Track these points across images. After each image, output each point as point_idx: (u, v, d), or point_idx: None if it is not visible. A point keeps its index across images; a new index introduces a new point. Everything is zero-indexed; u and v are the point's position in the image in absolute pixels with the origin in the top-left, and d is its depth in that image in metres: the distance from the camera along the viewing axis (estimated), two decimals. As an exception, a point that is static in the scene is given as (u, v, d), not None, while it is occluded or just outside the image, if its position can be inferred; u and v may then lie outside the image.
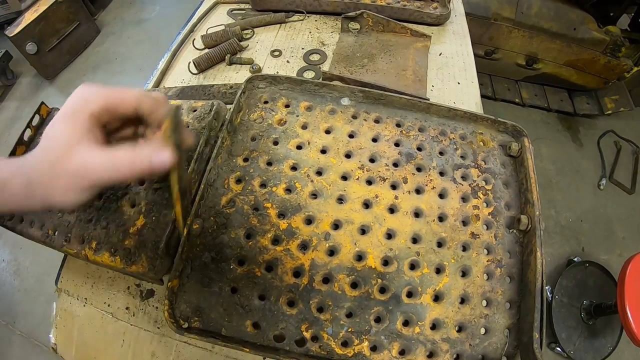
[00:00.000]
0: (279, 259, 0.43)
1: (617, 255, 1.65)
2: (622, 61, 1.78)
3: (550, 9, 1.75)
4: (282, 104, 0.54)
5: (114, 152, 0.34)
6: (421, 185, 0.48)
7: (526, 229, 0.45)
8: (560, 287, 1.45)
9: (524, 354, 0.40)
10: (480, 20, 1.74)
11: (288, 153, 0.49)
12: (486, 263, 0.44)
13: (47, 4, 2.11)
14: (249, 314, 0.40)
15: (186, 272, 0.42)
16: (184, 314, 0.40)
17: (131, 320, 0.48)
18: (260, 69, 0.73)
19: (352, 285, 0.42)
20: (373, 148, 0.51)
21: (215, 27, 0.81)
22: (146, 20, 2.69)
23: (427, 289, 0.42)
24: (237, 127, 0.51)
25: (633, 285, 1.02)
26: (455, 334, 0.41)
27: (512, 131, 0.53)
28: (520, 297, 0.43)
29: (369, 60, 0.73)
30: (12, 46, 2.08)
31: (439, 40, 0.80)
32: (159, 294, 0.49)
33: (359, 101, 0.55)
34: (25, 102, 2.19)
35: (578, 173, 1.90)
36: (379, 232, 0.45)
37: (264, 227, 0.44)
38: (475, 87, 0.71)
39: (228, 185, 0.47)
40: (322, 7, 0.81)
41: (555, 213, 1.76)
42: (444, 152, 0.51)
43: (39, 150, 0.34)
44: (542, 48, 1.81)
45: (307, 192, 0.47)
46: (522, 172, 0.49)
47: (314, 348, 0.39)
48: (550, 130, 2.04)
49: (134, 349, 0.47)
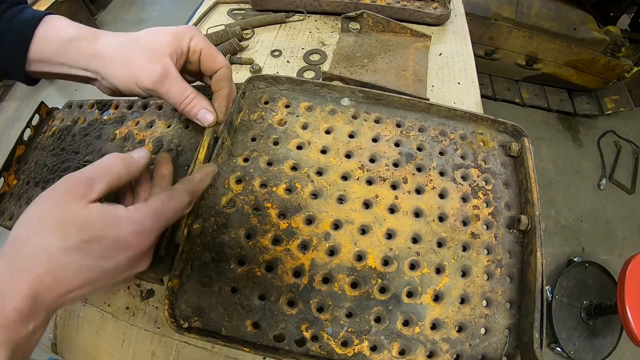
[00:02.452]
0: (279, 259, 0.43)
1: (617, 255, 1.65)
2: (622, 61, 1.78)
3: (550, 9, 1.75)
4: (283, 104, 0.54)
5: (186, 83, 0.41)
6: (421, 185, 0.48)
7: (526, 229, 0.45)
8: (560, 287, 1.45)
9: (524, 354, 0.40)
10: (481, 20, 1.74)
11: (288, 153, 0.49)
12: (486, 263, 0.44)
13: (47, 4, 2.11)
14: (249, 314, 0.40)
15: (186, 272, 0.42)
16: (184, 313, 0.40)
17: (131, 320, 0.48)
18: (260, 69, 0.73)
19: (352, 285, 0.42)
20: (373, 148, 0.51)
21: (215, 27, 0.81)
22: (146, 20, 2.69)
23: (427, 289, 0.42)
24: (238, 127, 0.51)
25: (633, 285, 1.02)
26: (455, 334, 0.41)
27: (512, 131, 0.53)
28: (520, 297, 0.43)
29: (369, 60, 0.73)
30: (12, 46, 2.08)
31: (439, 40, 0.80)
32: (159, 294, 0.49)
33: (359, 101, 0.55)
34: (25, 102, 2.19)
35: (578, 173, 1.90)
36: (379, 232, 0.45)
37: (264, 227, 0.44)
38: (475, 87, 0.71)
39: (228, 185, 0.47)
40: (322, 7, 0.81)
41: (555, 213, 1.76)
42: (444, 152, 0.51)
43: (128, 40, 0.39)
44: (542, 48, 1.81)
45: (307, 192, 0.47)
46: (522, 172, 0.49)
47: (314, 348, 0.39)
48: (550, 130, 2.04)
49: (134, 349, 0.47)
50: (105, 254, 0.29)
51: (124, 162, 0.33)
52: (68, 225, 0.28)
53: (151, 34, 0.40)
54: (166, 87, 0.39)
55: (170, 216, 0.34)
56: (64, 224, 0.28)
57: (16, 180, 0.54)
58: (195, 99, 0.41)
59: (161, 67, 0.38)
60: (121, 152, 0.51)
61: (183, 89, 0.40)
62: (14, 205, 0.52)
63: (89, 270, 0.28)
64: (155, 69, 0.38)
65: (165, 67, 0.39)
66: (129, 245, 0.30)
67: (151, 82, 0.38)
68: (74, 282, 0.28)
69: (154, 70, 0.38)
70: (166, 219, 0.33)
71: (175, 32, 0.40)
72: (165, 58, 0.39)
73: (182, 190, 0.36)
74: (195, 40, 0.41)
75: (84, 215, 0.28)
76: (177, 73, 0.40)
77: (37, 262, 0.27)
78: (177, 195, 0.35)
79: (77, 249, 0.28)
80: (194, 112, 0.42)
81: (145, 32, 0.41)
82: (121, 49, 0.39)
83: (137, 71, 0.38)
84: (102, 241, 0.29)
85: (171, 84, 0.39)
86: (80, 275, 0.28)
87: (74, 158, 0.52)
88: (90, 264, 0.28)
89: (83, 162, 0.51)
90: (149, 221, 0.31)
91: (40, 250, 0.27)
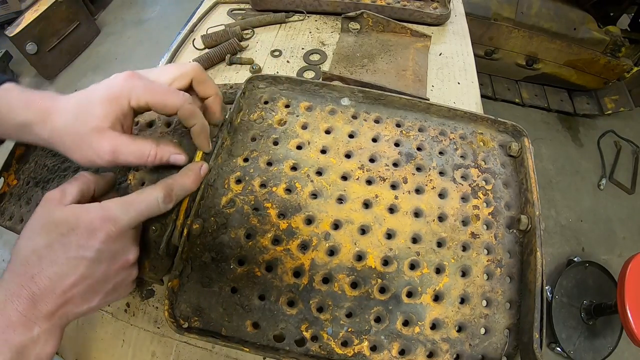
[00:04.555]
0: (279, 259, 0.43)
1: (617, 255, 1.65)
2: (622, 61, 1.78)
3: (550, 9, 1.75)
4: (282, 104, 0.54)
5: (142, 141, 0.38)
6: (421, 185, 0.48)
7: (526, 229, 0.45)
8: (560, 287, 1.45)
9: (524, 354, 0.40)
10: (481, 20, 1.74)
11: (288, 153, 0.49)
12: (486, 263, 0.44)
13: (47, 4, 2.11)
14: (249, 314, 0.40)
15: (186, 272, 0.42)
16: (184, 313, 0.40)
17: (131, 320, 0.48)
18: (260, 69, 0.73)
19: (352, 285, 0.42)
20: (373, 148, 0.51)
21: (215, 27, 0.81)
22: (146, 20, 2.69)
23: (427, 289, 0.42)
24: (237, 127, 0.51)
25: (633, 285, 1.02)
26: (455, 334, 0.41)
27: (512, 131, 0.53)
28: (520, 297, 0.43)
29: (369, 60, 0.73)
30: (12, 46, 2.08)
31: (439, 40, 0.80)
32: (159, 294, 0.49)
33: (358, 101, 0.55)
34: (26, 102, 2.18)
35: (578, 173, 1.90)
36: (379, 232, 0.45)
37: (264, 227, 0.44)
38: (475, 87, 0.71)
39: (228, 186, 0.47)
40: (322, 7, 0.81)
41: (555, 213, 1.76)
42: (444, 152, 0.51)
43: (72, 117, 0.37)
44: (542, 48, 1.81)
45: (307, 192, 0.47)
46: (522, 172, 0.49)
47: (314, 348, 0.39)
48: (550, 130, 2.04)
49: (134, 349, 0.47)
50: (81, 243, 0.32)
51: (92, 175, 0.38)
52: (48, 225, 0.33)
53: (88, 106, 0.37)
54: (122, 157, 0.37)
55: (140, 207, 0.36)
56: (45, 225, 0.33)
57: (16, 180, 0.54)
58: (158, 151, 0.39)
59: (107, 145, 0.36)
60: None
61: (140, 150, 0.38)
62: (14, 205, 0.52)
63: (76, 262, 0.32)
64: (103, 149, 0.36)
65: (111, 144, 0.36)
66: (98, 228, 0.33)
67: (106, 161, 0.37)
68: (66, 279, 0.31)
69: (103, 150, 0.36)
70: (136, 210, 0.35)
71: (108, 99, 0.37)
72: (107, 133, 0.36)
73: (156, 186, 0.37)
74: (134, 99, 0.37)
75: (60, 213, 0.33)
76: (127, 139, 0.37)
77: (30, 263, 0.31)
78: (149, 190, 0.37)
79: (58, 242, 0.31)
80: (164, 162, 0.40)
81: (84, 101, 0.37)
82: (68, 132, 0.37)
83: (89, 154, 0.37)
84: (77, 230, 0.32)
85: (127, 153, 0.37)
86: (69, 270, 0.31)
87: (74, 158, 0.52)
88: (73, 255, 0.32)
89: (83, 162, 0.51)
90: (116, 208, 0.34)
91: (31, 252, 0.31)
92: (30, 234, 0.33)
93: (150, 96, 0.37)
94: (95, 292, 0.34)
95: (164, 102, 0.38)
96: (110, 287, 0.35)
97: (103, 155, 0.36)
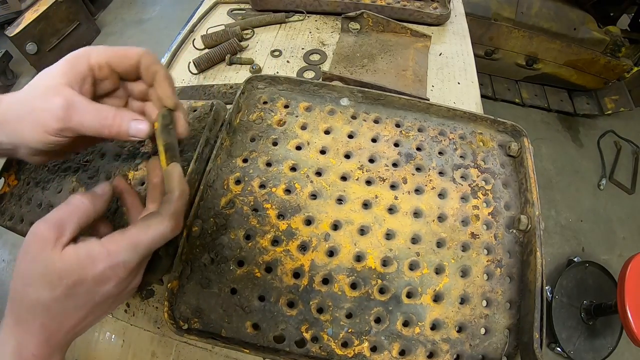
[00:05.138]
0: (278, 260, 0.43)
1: (617, 255, 1.65)
2: (622, 61, 1.78)
3: (550, 9, 1.75)
4: (282, 105, 0.54)
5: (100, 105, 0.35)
6: (421, 185, 0.48)
7: (526, 229, 0.45)
8: (560, 287, 1.45)
9: (524, 354, 0.40)
10: (480, 20, 1.74)
11: (287, 154, 0.49)
12: (486, 263, 0.44)
13: (47, 4, 2.11)
14: (249, 315, 0.40)
15: (186, 273, 0.42)
16: (183, 315, 0.40)
17: (131, 320, 0.48)
18: (260, 69, 0.73)
19: (352, 285, 0.42)
20: (372, 148, 0.51)
21: (215, 27, 0.81)
22: (146, 20, 2.69)
23: (427, 289, 0.42)
24: (237, 127, 0.51)
25: (633, 285, 1.02)
26: (455, 334, 0.41)
27: (511, 131, 0.53)
28: (520, 297, 0.43)
29: (369, 60, 0.73)
30: (12, 46, 2.08)
31: (439, 40, 0.80)
32: (159, 294, 0.49)
33: (358, 101, 0.55)
34: (25, 103, 2.18)
35: (578, 173, 1.90)
36: (379, 232, 0.45)
37: (263, 228, 0.44)
38: (475, 87, 0.71)
39: (227, 186, 0.47)
40: (322, 7, 0.81)
41: (555, 213, 1.76)
42: (444, 152, 0.51)
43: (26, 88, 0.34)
44: (542, 48, 1.81)
45: (306, 193, 0.47)
46: (521, 172, 0.49)
47: (314, 349, 0.39)
48: (550, 130, 2.04)
49: (134, 349, 0.47)
50: (90, 291, 0.31)
51: (90, 200, 0.33)
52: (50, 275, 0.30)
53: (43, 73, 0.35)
54: (76, 117, 0.33)
55: (149, 245, 0.33)
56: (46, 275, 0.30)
57: (16, 180, 0.54)
58: (117, 115, 0.35)
59: (60, 98, 0.33)
60: (120, 151, 0.51)
61: (97, 111, 0.34)
62: (14, 205, 0.52)
63: (84, 305, 0.31)
64: (55, 103, 0.32)
65: (65, 98, 0.33)
66: (109, 278, 0.31)
67: (56, 119, 0.32)
68: (74, 318, 0.31)
69: (54, 104, 0.32)
70: (145, 248, 0.33)
71: (67, 59, 0.35)
72: (62, 88, 0.33)
73: (163, 217, 0.34)
74: (94, 56, 0.35)
75: (62, 262, 0.30)
76: (84, 99, 0.34)
77: (37, 313, 0.30)
78: (156, 224, 0.33)
79: (65, 295, 0.30)
80: (124, 130, 0.35)
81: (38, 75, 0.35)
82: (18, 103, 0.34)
83: (39, 116, 0.33)
84: (85, 282, 0.30)
85: (81, 112, 0.33)
86: (78, 312, 0.31)
87: (74, 158, 0.52)
88: (81, 302, 0.31)
89: (83, 162, 0.51)
90: (125, 253, 0.31)
91: (36, 302, 0.30)
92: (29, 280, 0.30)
93: (111, 51, 0.36)
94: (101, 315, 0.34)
95: (125, 52, 0.37)
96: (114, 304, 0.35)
97: (54, 111, 0.32)
